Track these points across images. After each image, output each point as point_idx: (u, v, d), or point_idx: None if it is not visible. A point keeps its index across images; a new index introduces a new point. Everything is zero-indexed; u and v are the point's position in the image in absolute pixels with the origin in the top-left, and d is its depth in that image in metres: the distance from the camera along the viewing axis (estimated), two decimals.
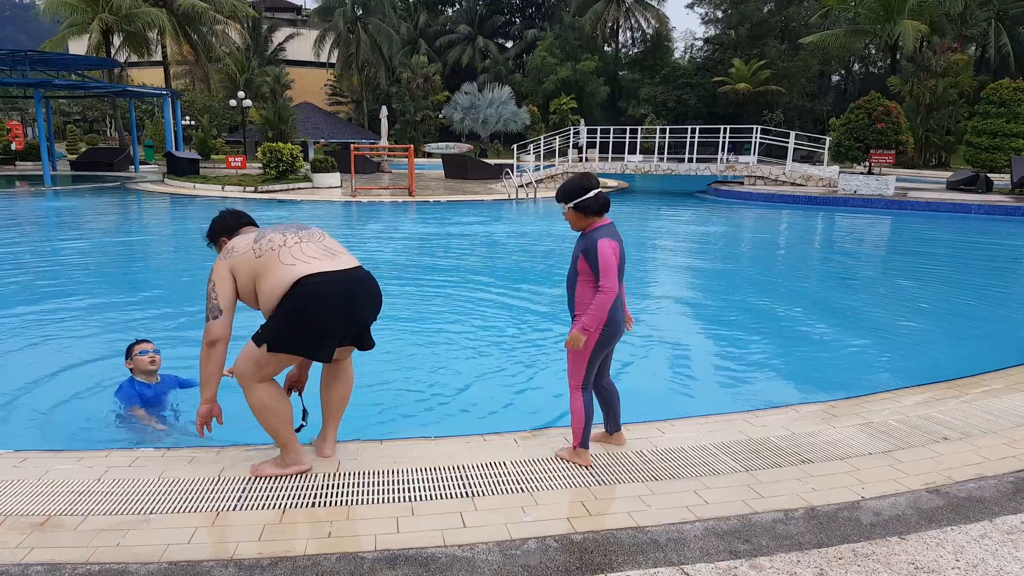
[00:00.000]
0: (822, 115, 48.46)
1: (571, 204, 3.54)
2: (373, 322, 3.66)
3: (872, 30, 38.71)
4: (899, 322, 8.01)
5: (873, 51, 51.89)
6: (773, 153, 31.47)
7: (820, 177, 23.90)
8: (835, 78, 58.83)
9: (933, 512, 3.15)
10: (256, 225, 3.83)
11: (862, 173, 22.46)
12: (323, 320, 3.33)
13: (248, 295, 3.45)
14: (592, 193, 3.51)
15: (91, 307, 8.47)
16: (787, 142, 24.98)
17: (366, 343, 3.69)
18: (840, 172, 23.07)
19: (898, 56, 39.90)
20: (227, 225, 3.77)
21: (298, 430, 3.71)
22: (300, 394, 4.00)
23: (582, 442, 3.66)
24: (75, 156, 38.85)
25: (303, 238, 3.47)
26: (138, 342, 4.91)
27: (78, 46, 41.88)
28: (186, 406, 4.86)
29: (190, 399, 4.87)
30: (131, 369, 4.84)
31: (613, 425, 3.91)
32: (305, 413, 3.97)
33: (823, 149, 25.59)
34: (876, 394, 4.98)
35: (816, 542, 2.89)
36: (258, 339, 3.37)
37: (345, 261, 3.48)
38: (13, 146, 40.27)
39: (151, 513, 3.13)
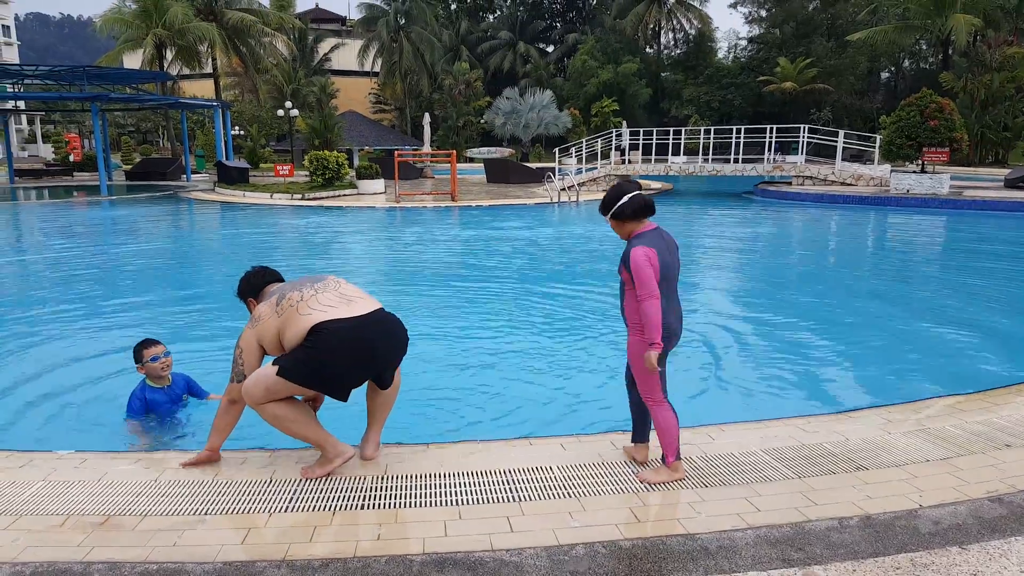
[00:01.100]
0: (872, 113, 47.36)
1: (609, 215, 3.52)
2: (398, 362, 3.74)
3: (923, 25, 37.71)
4: (957, 325, 7.77)
5: (924, 47, 50.58)
6: (821, 153, 30.86)
7: (871, 176, 23.37)
8: (884, 75, 57.39)
9: (996, 521, 3.05)
10: (281, 279, 3.96)
11: (915, 172, 21.87)
12: (335, 369, 3.44)
13: (275, 350, 3.58)
14: (626, 198, 3.46)
15: (147, 310, 8.70)
16: (836, 141, 24.47)
17: (385, 382, 3.75)
18: (892, 171, 22.51)
19: (950, 51, 38.79)
20: (252, 285, 3.92)
21: None
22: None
23: (678, 454, 3.50)
24: (130, 166, 40.05)
25: (319, 289, 3.56)
26: (146, 345, 4.79)
27: (133, 60, 43.18)
28: (196, 411, 4.95)
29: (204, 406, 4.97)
30: (143, 373, 4.78)
31: (641, 436, 3.77)
32: None
33: (873, 148, 25.01)
34: (934, 399, 4.84)
35: (872, 551, 2.81)
36: (275, 362, 3.47)
37: (361, 306, 3.54)
38: (71, 157, 41.75)
39: (206, 514, 3.19)
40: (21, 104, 39.96)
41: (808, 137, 25.43)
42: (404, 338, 3.72)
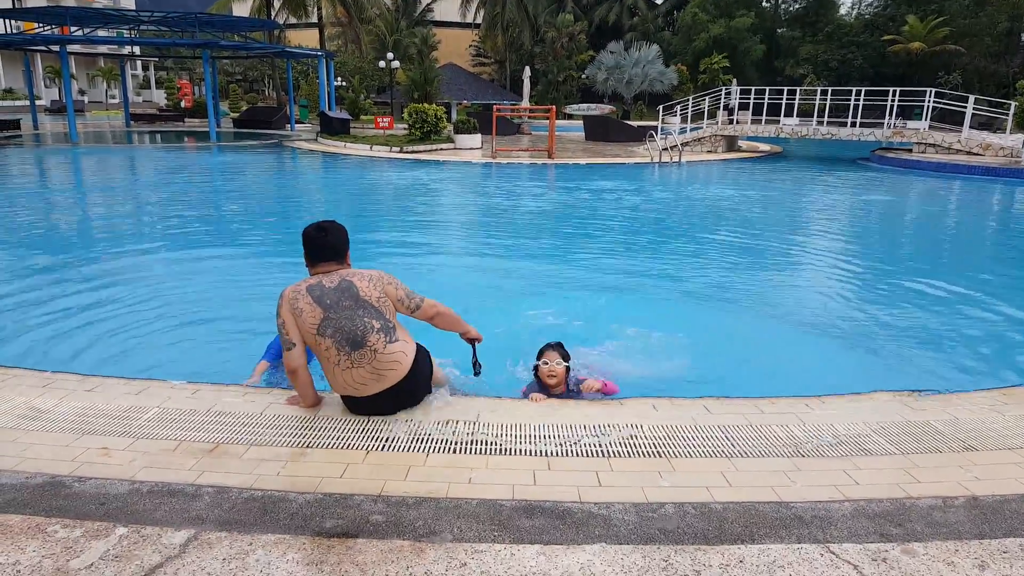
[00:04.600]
0: (1007, 78, 43.70)
1: None
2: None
3: None
4: None
5: None
6: (946, 119, 28.83)
7: (1001, 146, 21.70)
8: None
9: None
10: (330, 260, 3.75)
11: None
12: None
13: None
14: None
15: (255, 256, 9.11)
16: (964, 107, 22.80)
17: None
18: None
19: None
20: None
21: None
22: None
23: None
24: (237, 114, 41.56)
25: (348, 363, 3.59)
26: None
27: (242, 9, 44.54)
28: None
29: None
30: None
31: None
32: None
33: (1006, 115, 23.18)
34: None
35: (978, 533, 2.68)
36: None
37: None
38: (183, 103, 43.67)
39: (307, 447, 3.34)
40: (136, 50, 41.96)
41: (933, 102, 23.80)
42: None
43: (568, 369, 4.28)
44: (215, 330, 6.00)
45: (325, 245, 3.70)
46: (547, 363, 4.23)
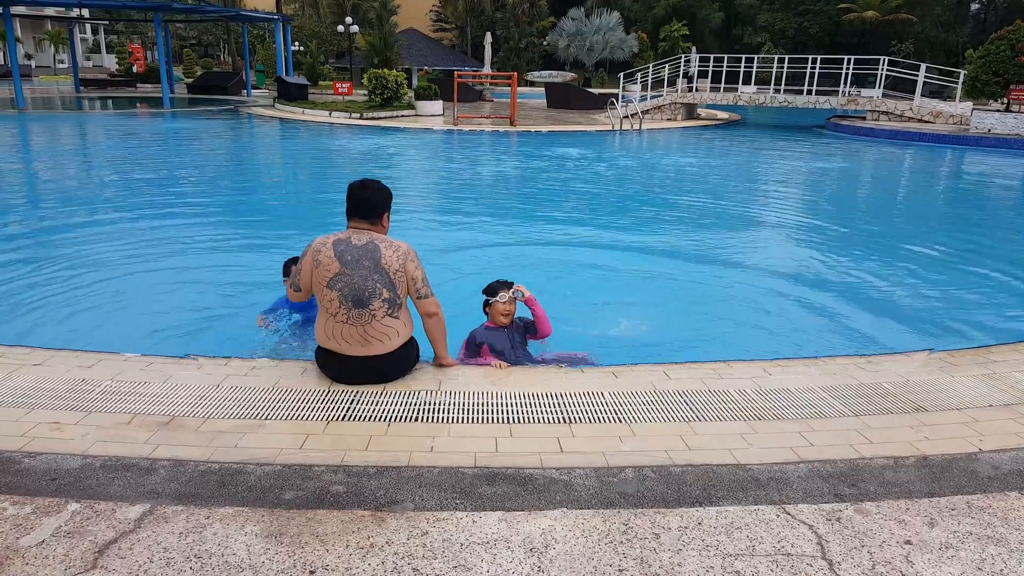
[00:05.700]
0: (956, 47, 44.53)
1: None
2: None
3: None
4: None
5: None
6: (899, 88, 29.27)
7: (951, 114, 22.18)
8: (974, 6, 53.60)
9: None
10: (364, 218, 3.78)
11: (998, 111, 20.67)
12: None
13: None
14: None
15: (208, 224, 8.91)
16: (916, 75, 23.17)
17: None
18: (973, 109, 21.33)
19: None
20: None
21: None
22: None
23: None
24: (191, 79, 40.38)
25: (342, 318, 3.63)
26: (296, 262, 4.95)
27: None
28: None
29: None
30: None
31: None
32: None
33: (956, 84, 23.64)
34: (1001, 345, 4.67)
35: (928, 491, 2.77)
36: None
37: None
38: (135, 68, 42.27)
39: (266, 419, 3.29)
40: (85, 13, 40.36)
41: (887, 70, 24.14)
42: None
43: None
44: (168, 301, 5.86)
45: (359, 201, 3.75)
46: (503, 300, 4.29)
